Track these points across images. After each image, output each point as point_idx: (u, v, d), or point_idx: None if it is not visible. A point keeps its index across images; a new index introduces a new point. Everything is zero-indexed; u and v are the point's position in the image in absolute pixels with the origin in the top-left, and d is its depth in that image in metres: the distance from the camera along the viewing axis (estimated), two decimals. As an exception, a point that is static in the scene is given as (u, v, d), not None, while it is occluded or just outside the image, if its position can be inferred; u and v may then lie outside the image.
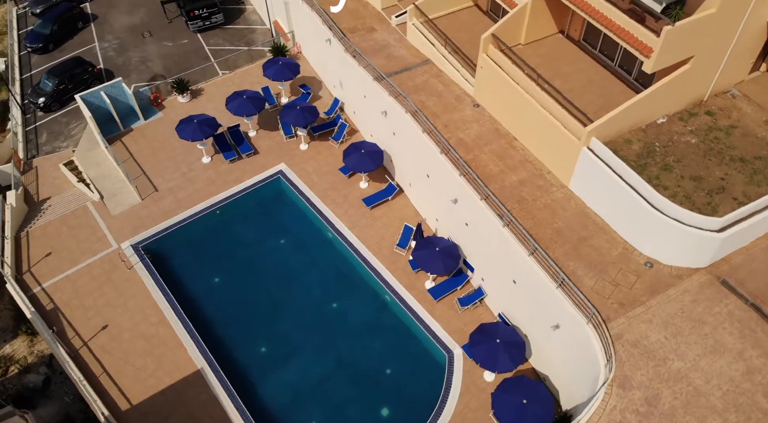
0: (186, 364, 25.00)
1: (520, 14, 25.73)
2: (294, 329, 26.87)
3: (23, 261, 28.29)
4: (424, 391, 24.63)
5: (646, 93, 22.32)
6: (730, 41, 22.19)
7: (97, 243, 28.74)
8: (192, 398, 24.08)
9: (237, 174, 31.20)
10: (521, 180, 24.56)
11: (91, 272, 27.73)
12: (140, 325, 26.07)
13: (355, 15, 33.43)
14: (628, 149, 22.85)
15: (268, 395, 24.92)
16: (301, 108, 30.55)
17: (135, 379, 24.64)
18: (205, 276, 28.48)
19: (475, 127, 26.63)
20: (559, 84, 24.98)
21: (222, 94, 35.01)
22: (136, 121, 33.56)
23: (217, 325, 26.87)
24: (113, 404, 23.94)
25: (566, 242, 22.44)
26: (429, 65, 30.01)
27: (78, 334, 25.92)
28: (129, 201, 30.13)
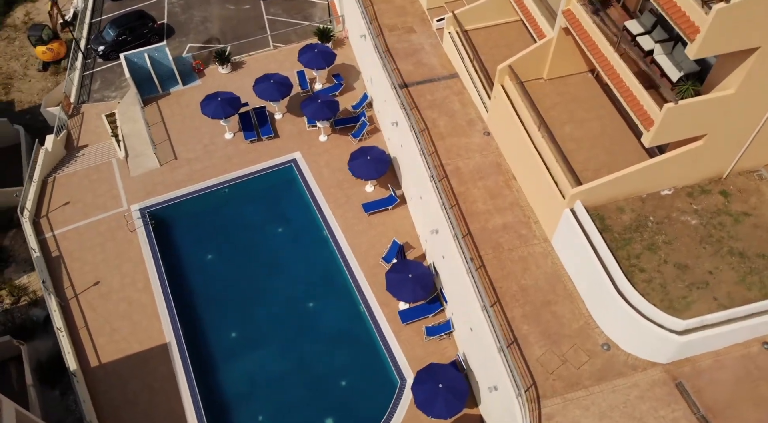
0: (157, 335, 26.09)
1: (545, 48, 23.59)
2: (267, 321, 27.26)
3: (44, 205, 30.18)
4: (370, 413, 24.51)
5: (648, 164, 20.08)
6: (757, 123, 19.42)
7: (111, 200, 30.09)
8: (153, 369, 25.22)
9: (253, 155, 31.39)
10: (505, 224, 23.14)
11: (98, 228, 29.19)
12: (127, 288, 27.35)
13: (400, 11, 32.00)
14: (616, 218, 20.87)
15: (224, 381, 25.62)
16: (323, 101, 29.97)
17: (109, 339, 26.06)
18: (199, 251, 29.26)
19: (477, 158, 25.17)
20: (569, 130, 23.02)
21: (261, 69, 34.92)
22: (175, 85, 34.27)
23: (197, 301, 27.70)
24: (84, 358, 25.50)
25: (529, 303, 21.11)
26: (455, 80, 28.42)
27: (72, 285, 27.59)
28: (148, 164, 31.16)
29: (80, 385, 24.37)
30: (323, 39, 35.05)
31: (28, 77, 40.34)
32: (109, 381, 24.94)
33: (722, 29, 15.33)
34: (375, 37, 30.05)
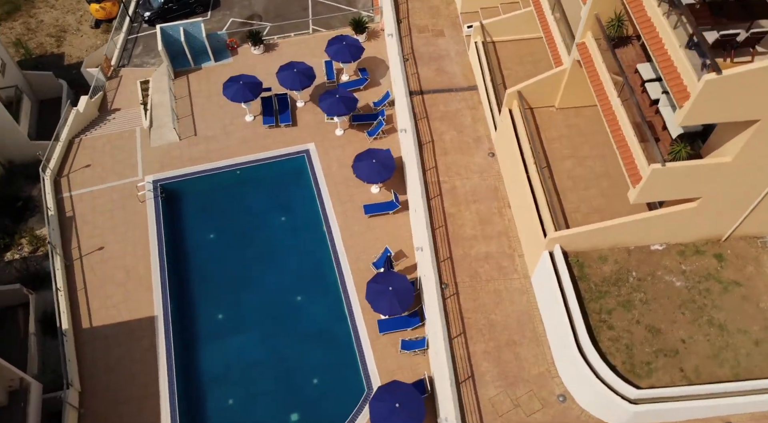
0: (147, 306, 26.93)
1: (558, 77, 22.36)
2: (254, 308, 27.62)
3: (67, 164, 31.35)
4: (333, 416, 24.65)
5: (638, 218, 18.92)
6: (760, 191, 17.87)
7: (128, 169, 30.92)
8: (138, 339, 26.10)
9: (269, 141, 31.46)
10: (489, 253, 22.46)
11: (112, 194, 30.12)
12: (127, 257, 28.25)
13: (433, 12, 30.98)
14: (597, 268, 19.87)
15: (202, 361, 26.25)
16: (340, 96, 29.57)
17: (103, 304, 27.06)
18: (202, 229, 29.84)
19: (476, 179, 24.38)
20: (569, 166, 21.95)
21: (293, 53, 34.71)
22: (207, 61, 34.54)
23: (191, 279, 28.35)
24: (77, 319, 26.66)
25: (494, 340, 20.57)
26: (472, 92, 27.47)
27: (79, 246, 28.75)
28: (168, 137, 31.75)
29: (68, 345, 25.54)
30: (357, 30, 34.41)
31: (80, 32, 41.61)
32: (95, 344, 26.01)
33: (713, 100, 14.04)
34: (401, 38, 29.31)
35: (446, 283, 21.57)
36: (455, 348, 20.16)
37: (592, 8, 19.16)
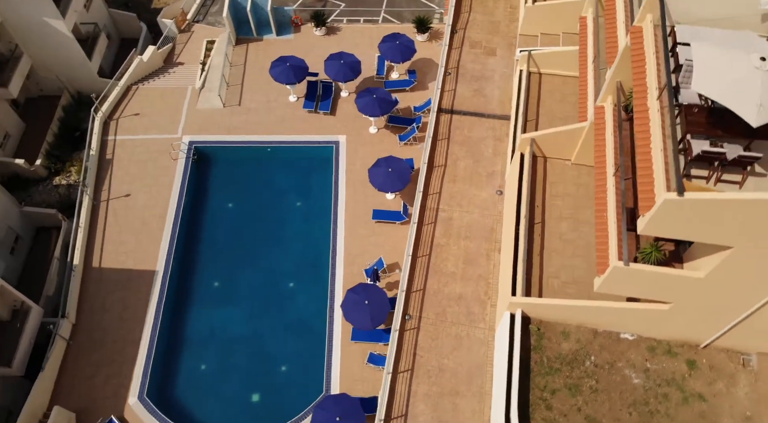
0: (151, 260, 28.20)
1: (577, 133, 20.75)
2: (249, 283, 28.28)
3: (119, 109, 32.88)
4: (288, 407, 25.11)
5: (604, 306, 17.54)
6: (738, 312, 16.01)
7: (170, 125, 32.01)
8: (133, 291, 27.39)
9: (304, 125, 31.48)
10: (461, 295, 21.68)
11: (149, 146, 31.40)
12: (147, 209, 29.52)
13: (492, 28, 29.42)
14: (555, 342, 18.74)
15: (187, 322, 27.32)
16: (377, 97, 28.93)
17: (115, 248, 28.56)
18: (222, 197, 30.62)
19: (476, 215, 23.40)
20: (564, 228, 20.61)
21: (353, 41, 34.21)
22: (269, 33, 34.72)
23: (198, 243, 29.32)
24: (89, 257, 28.40)
25: (439, 384, 20.04)
26: (503, 122, 26.09)
27: (109, 189, 30.35)
28: (213, 102, 32.47)
29: (75, 279, 27.34)
30: (420, 29, 33.34)
31: (172, -20, 42.85)
32: (98, 284, 27.65)
33: (674, 219, 12.57)
34: (450, 49, 28.15)
35: (411, 315, 21.14)
36: (398, 383, 19.86)
37: (615, 74, 17.50)
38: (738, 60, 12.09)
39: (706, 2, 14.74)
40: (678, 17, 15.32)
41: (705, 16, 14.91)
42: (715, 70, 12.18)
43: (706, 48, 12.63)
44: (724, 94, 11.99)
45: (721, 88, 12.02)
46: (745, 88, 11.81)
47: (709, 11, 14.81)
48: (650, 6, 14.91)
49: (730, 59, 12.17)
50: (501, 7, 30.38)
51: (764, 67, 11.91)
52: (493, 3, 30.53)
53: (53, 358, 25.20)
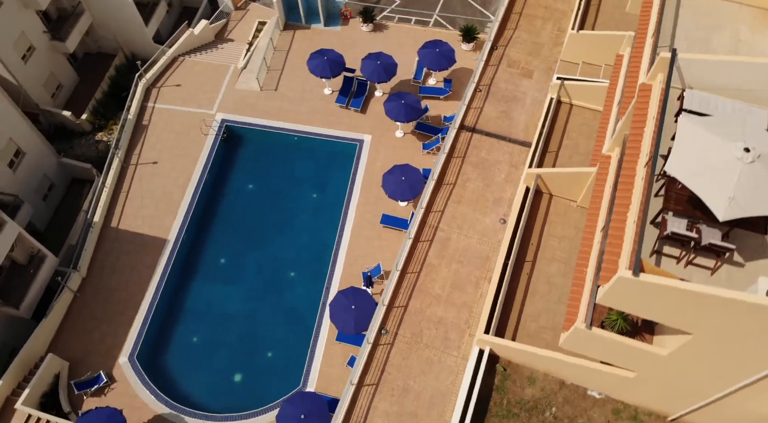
0: (165, 229, 28.99)
1: (584, 176, 19.86)
2: (253, 266, 28.76)
3: (163, 78, 33.68)
4: (264, 393, 25.46)
5: (569, 361, 16.86)
6: (705, 395, 15.07)
7: (207, 101, 32.58)
8: (145, 254, 28.32)
9: (333, 119, 31.41)
10: (443, 319, 21.31)
11: (184, 118, 32.07)
12: (170, 178, 30.25)
13: (534, 49, 28.37)
14: (519, 386, 18.23)
15: (187, 293, 28.02)
16: (406, 103, 28.53)
17: (134, 211, 29.41)
18: (243, 178, 31.06)
19: (474, 240, 22.85)
20: (554, 270, 19.94)
21: (397, 41, 33.74)
22: (318, 22, 34.65)
23: (213, 218, 29.97)
24: (109, 216, 29.43)
25: (400, 404, 19.84)
26: (523, 149, 25.21)
27: (139, 154, 31.29)
28: (251, 84, 32.79)
29: (92, 235, 28.49)
30: (466, 38, 32.57)
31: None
32: (113, 244, 28.69)
33: (631, 297, 11.90)
34: (486, 66, 27.34)
35: (387, 330, 20.98)
36: (360, 395, 19.82)
37: (624, 126, 16.59)
38: (721, 146, 11.17)
39: (725, 72, 13.69)
40: (693, 82, 14.33)
41: (722, 85, 13.89)
42: (694, 153, 11.32)
43: (692, 126, 11.73)
44: (697, 181, 11.15)
45: (695, 172, 11.17)
46: (721, 178, 10.94)
47: (726, 80, 13.78)
48: (662, 65, 14.00)
49: (712, 144, 11.26)
50: (549, 28, 29.25)
51: (746, 159, 10.99)
52: (541, 23, 29.41)
53: (58, 307, 26.43)
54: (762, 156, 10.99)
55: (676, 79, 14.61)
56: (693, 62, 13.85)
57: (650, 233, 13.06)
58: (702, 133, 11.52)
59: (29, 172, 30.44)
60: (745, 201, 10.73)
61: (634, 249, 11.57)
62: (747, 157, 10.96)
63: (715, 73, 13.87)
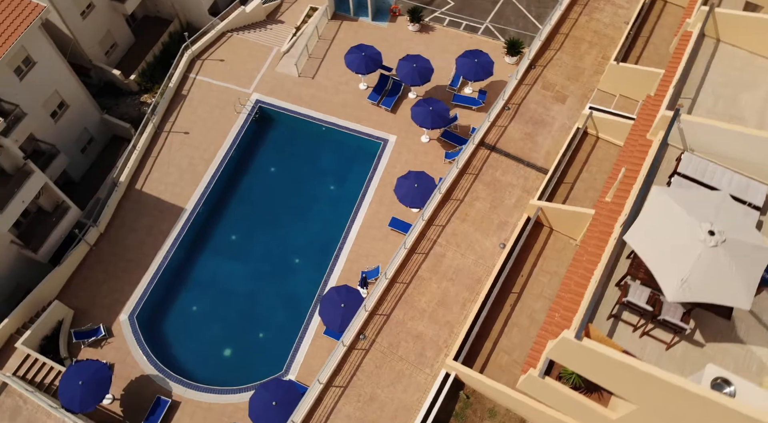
0: (185, 199, 29.67)
1: (584, 217, 19.16)
2: (261, 246, 29.22)
3: (209, 51, 34.26)
4: (250, 374, 26.03)
5: (525, 402, 16.47)
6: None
7: (246, 79, 32.96)
8: (161, 219, 29.07)
9: (363, 115, 31.24)
10: (422, 334, 21.17)
11: (221, 94, 32.61)
12: (198, 150, 30.85)
13: (574, 73, 27.40)
14: (479, 417, 17.95)
15: (194, 263, 28.74)
16: (433, 110, 28.11)
17: (159, 178, 30.18)
18: (267, 160, 31.43)
19: (470, 261, 22.49)
20: (539, 306, 19.40)
21: (442, 44, 33.18)
22: (365, 16, 34.42)
23: (232, 195, 30.50)
24: (135, 177, 30.34)
25: (363, 411, 19.92)
26: (539, 176, 24.55)
27: (173, 122, 32.02)
28: (291, 70, 32.97)
29: (116, 194, 29.50)
30: (510, 51, 31.73)
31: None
32: (133, 205, 29.58)
33: (575, 356, 11.50)
34: (519, 84, 26.65)
35: (366, 336, 21.03)
36: (327, 395, 20.01)
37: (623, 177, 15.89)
38: (687, 224, 10.51)
39: (728, 140, 12.86)
40: (697, 145, 13.54)
41: (725, 153, 13.08)
42: (658, 226, 10.70)
43: (664, 197, 11.06)
44: (654, 255, 10.55)
45: (654, 246, 10.56)
46: (679, 258, 10.32)
47: (729, 149, 12.96)
48: (663, 123, 13.30)
49: (680, 220, 10.60)
50: (593, 54, 28.19)
51: (709, 243, 10.31)
52: (586, 48, 28.38)
53: (73, 257, 27.59)
54: (728, 242, 10.32)
55: (679, 138, 13.85)
56: (696, 125, 13.08)
57: (616, 295, 12.54)
58: (672, 206, 10.89)
59: (70, 124, 31.70)
60: (699, 285, 10.13)
61: (585, 311, 11.15)
62: (710, 240, 10.30)
63: (718, 139, 13.07)
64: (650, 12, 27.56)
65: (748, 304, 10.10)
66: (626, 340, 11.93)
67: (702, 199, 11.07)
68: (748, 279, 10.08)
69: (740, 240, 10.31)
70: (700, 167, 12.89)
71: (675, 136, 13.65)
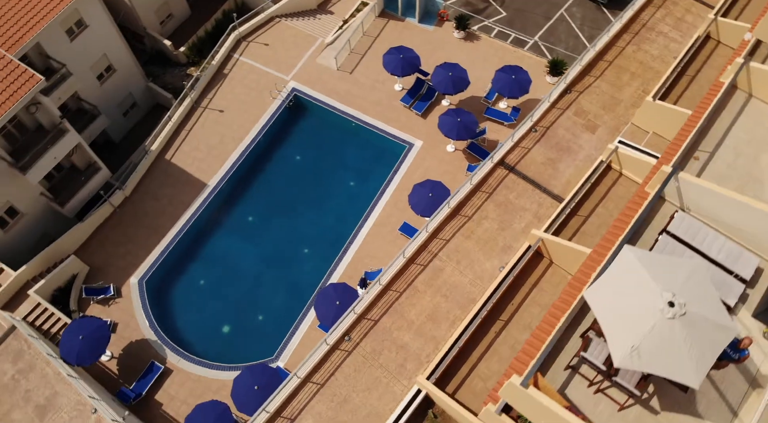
0: (209, 175, 30.07)
1: (582, 256, 18.51)
2: (275, 232, 29.55)
3: (255, 34, 34.63)
4: (240, 354, 26.44)
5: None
6: None
7: (285, 66, 33.14)
8: (183, 192, 29.64)
9: (393, 116, 31.00)
10: (406, 345, 21.02)
11: (259, 78, 32.94)
12: (229, 129, 31.19)
13: (610, 103, 26.46)
14: (442, 439, 17.81)
15: (209, 238, 29.30)
16: (461, 121, 27.66)
17: (188, 151, 30.69)
18: (294, 148, 31.67)
19: (467, 279, 22.14)
20: (524, 338, 18.98)
21: (484, 55, 32.60)
22: (412, 17, 34.05)
23: (255, 177, 30.92)
24: (167, 147, 30.98)
25: (335, 411, 19.96)
26: (553, 203, 23.93)
27: (211, 99, 32.56)
28: (330, 62, 33.04)
29: (145, 161, 30.34)
30: (553, 71, 30.92)
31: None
32: (160, 173, 30.26)
33: (524, 402, 11.23)
34: (550, 107, 25.97)
35: (350, 337, 21.09)
36: (302, 390, 20.20)
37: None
38: (649, 291, 10.01)
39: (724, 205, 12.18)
40: (693, 205, 12.89)
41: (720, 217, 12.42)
42: (620, 288, 10.23)
43: (631, 258, 10.54)
44: (609, 316, 10.08)
45: (612, 307, 10.10)
46: (633, 324, 9.84)
47: (725, 215, 12.30)
48: (660, 178, 12.73)
49: (643, 284, 10.09)
50: (634, 86, 27.17)
51: (666, 313, 9.79)
52: (628, 78, 27.36)
53: (96, 216, 28.59)
54: (688, 316, 9.79)
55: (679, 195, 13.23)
56: (693, 185, 12.47)
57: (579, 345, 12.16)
58: (638, 268, 10.40)
59: (116, 88, 32.69)
60: (648, 356, 9.66)
61: (537, 359, 10.87)
62: (669, 311, 9.79)
63: (716, 203, 12.41)
64: (701, 50, 26.38)
65: (697, 384, 9.56)
66: (581, 393, 11.54)
67: (672, 266, 10.53)
68: (702, 358, 9.52)
69: (702, 316, 9.75)
70: (692, 229, 12.28)
71: (675, 192, 13.01)
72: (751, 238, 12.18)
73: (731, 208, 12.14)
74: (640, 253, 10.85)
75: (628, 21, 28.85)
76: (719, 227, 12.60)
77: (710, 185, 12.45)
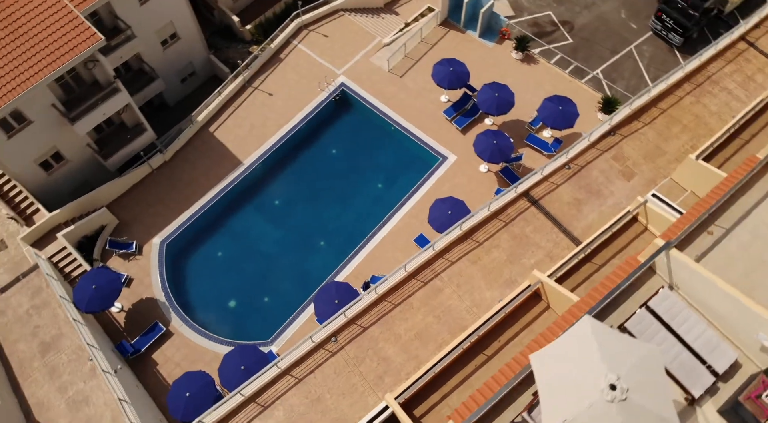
0: (246, 153, 30.42)
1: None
2: (297, 219, 29.80)
3: (317, 24, 34.76)
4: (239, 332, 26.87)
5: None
6: None
7: (339, 60, 32.98)
8: (219, 165, 30.17)
9: (433, 126, 30.52)
10: (388, 359, 20.80)
11: (312, 68, 32.74)
12: (274, 113, 31.52)
13: (653, 153, 25.11)
14: (398, 459, 17.61)
15: (232, 211, 29.88)
16: (498, 144, 27.04)
17: (231, 127, 31.02)
18: (331, 142, 31.75)
19: (465, 305, 21.70)
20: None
21: (538, 81, 31.61)
22: (473, 31, 33.37)
23: (288, 163, 31.12)
24: (212, 120, 31.45)
25: (306, 407, 20.03)
26: (569, 245, 23.08)
27: (262, 81, 32.98)
28: (383, 63, 32.74)
29: (189, 130, 31.15)
30: (605, 109, 29.76)
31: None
32: (201, 144, 30.91)
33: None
34: (590, 146, 25.00)
35: (336, 339, 21.10)
36: (279, 381, 20.31)
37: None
38: (593, 369, 9.42)
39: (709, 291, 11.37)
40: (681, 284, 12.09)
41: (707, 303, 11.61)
42: (567, 358, 9.68)
43: (587, 331, 9.94)
44: (550, 384, 9.55)
45: (552, 376, 9.57)
46: (572, 398, 9.29)
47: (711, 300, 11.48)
48: (653, 249, 12.03)
49: (592, 361, 9.51)
50: (683, 140, 25.76)
51: (606, 396, 9.19)
52: (678, 130, 25.97)
53: (134, 174, 29.62)
54: (628, 402, 9.18)
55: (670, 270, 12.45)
56: (683, 265, 11.70)
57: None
58: (591, 342, 9.81)
59: (177, 55, 33.54)
60: (579, 437, 9.15)
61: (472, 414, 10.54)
62: (608, 394, 9.21)
63: (704, 287, 11.62)
64: (763, 113, 24.76)
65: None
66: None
67: (626, 347, 9.89)
68: (633, 449, 8.96)
69: (643, 405, 9.14)
70: (674, 309, 11.52)
71: (665, 267, 12.22)
72: (734, 331, 11.34)
73: (720, 297, 11.30)
74: (597, 326, 10.24)
75: (693, 71, 27.33)
76: (704, 311, 11.77)
77: (700, 269, 11.64)
